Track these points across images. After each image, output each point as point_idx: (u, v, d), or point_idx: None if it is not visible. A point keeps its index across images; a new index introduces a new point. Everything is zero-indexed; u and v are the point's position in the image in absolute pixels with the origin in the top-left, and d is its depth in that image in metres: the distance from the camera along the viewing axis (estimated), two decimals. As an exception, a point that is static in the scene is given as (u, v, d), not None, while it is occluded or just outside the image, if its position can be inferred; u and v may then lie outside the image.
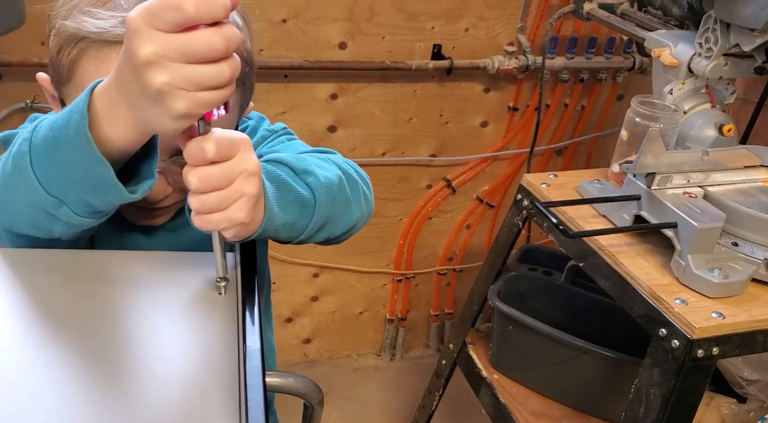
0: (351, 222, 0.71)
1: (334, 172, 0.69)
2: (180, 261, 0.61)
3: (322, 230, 0.67)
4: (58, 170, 0.52)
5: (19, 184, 0.54)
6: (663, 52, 1.11)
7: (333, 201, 0.67)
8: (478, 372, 1.36)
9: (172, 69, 0.44)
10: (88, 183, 0.52)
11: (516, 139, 1.85)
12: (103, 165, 0.51)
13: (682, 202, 0.97)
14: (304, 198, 0.63)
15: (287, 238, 0.64)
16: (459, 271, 2.02)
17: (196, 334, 0.52)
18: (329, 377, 1.98)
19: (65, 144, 0.51)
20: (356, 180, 0.74)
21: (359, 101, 1.67)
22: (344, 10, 1.55)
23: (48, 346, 0.51)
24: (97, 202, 0.54)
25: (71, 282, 0.58)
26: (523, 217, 1.23)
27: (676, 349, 0.90)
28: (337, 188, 0.68)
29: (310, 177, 0.64)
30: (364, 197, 0.75)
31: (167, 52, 0.44)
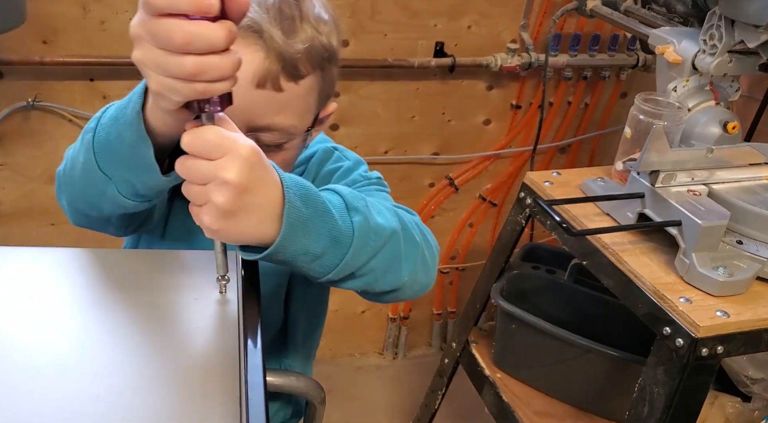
0: (397, 282, 0.66)
1: (392, 223, 0.64)
2: (182, 259, 0.61)
3: (357, 278, 0.62)
4: (111, 146, 0.56)
5: (81, 158, 0.60)
6: (667, 49, 1.10)
7: (377, 250, 0.62)
8: (481, 371, 1.36)
9: (145, 48, 0.47)
10: (132, 161, 0.56)
11: (519, 137, 1.84)
12: (146, 143, 0.54)
13: (686, 199, 0.97)
14: (341, 233, 0.58)
15: (314, 273, 0.59)
16: (462, 270, 2.02)
17: (197, 333, 0.52)
18: (332, 376, 1.97)
19: (123, 122, 0.55)
20: (416, 241, 0.68)
21: (361, 99, 1.67)
22: (346, 8, 1.55)
23: (48, 345, 0.50)
24: (138, 183, 0.58)
25: (72, 281, 0.57)
26: (526, 216, 1.23)
27: (680, 348, 0.89)
28: (387, 239, 0.63)
29: (359, 216, 0.60)
30: (422, 262, 0.69)
31: (141, 32, 0.47)
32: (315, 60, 0.69)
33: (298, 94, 0.68)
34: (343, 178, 0.80)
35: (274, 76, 0.66)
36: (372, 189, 0.79)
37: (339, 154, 0.84)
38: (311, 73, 0.69)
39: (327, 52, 0.70)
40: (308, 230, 0.55)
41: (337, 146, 0.86)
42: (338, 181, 0.81)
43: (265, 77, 0.65)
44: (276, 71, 0.66)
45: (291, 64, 0.66)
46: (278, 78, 0.66)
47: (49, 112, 1.46)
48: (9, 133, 1.46)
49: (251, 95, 0.65)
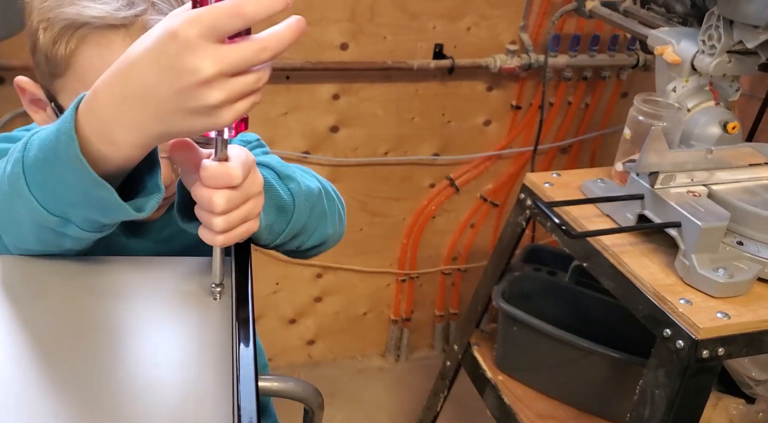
0: (324, 236, 0.72)
1: (315, 183, 0.70)
2: (174, 266, 0.60)
3: (295, 238, 0.68)
4: (56, 191, 0.50)
5: (19, 205, 0.53)
6: (666, 49, 1.10)
7: (311, 211, 0.68)
8: (483, 373, 1.35)
9: (227, 85, 0.43)
10: (90, 203, 0.51)
11: (519, 138, 1.84)
12: (103, 187, 0.49)
13: (686, 201, 0.96)
14: (284, 202, 0.63)
15: (264, 241, 0.64)
16: (464, 271, 2.01)
17: (191, 340, 0.52)
18: (334, 378, 1.97)
19: (58, 165, 0.49)
20: (333, 197, 0.75)
21: (361, 101, 1.67)
22: (345, 11, 1.54)
23: (40, 353, 0.50)
24: (104, 219, 0.53)
25: (64, 288, 0.57)
26: (526, 217, 1.23)
27: (680, 350, 0.89)
28: (316, 199, 0.69)
29: (293, 183, 0.65)
30: (339, 216, 0.76)
31: (226, 68, 0.42)
32: None
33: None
34: None
35: None
36: (258, 152, 0.81)
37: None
38: None
39: None
40: (263, 207, 0.59)
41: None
42: None
43: None
44: None
45: None
46: None
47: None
48: (10, 138, 1.46)
49: None
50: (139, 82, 0.45)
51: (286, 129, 1.65)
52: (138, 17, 0.61)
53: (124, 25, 0.61)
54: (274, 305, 1.89)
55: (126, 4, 0.61)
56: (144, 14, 0.62)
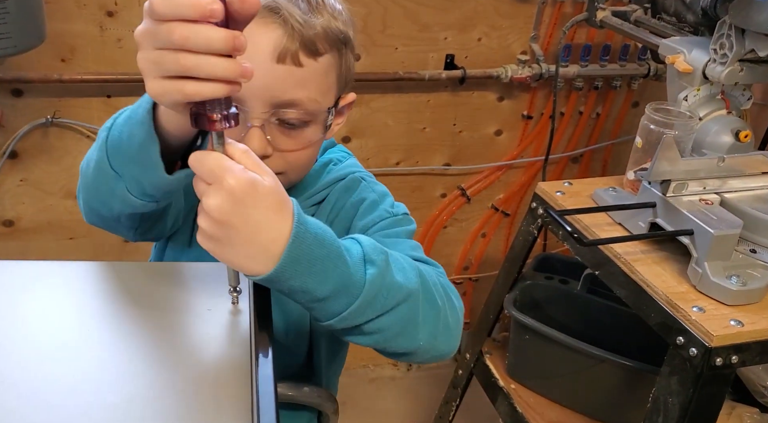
0: (411, 345, 0.63)
1: (411, 283, 0.61)
2: (194, 271, 0.61)
3: (365, 335, 0.61)
4: (123, 144, 0.58)
5: (95, 156, 0.62)
6: (677, 58, 1.11)
7: (389, 308, 0.59)
8: (495, 382, 1.35)
9: (145, 50, 0.49)
10: (140, 158, 0.58)
11: (531, 147, 1.84)
12: (153, 141, 0.56)
13: (698, 209, 0.96)
14: (351, 283, 0.56)
15: (317, 314, 0.58)
16: (475, 280, 2.01)
17: (210, 344, 0.53)
18: (346, 387, 1.96)
19: (134, 120, 0.57)
20: (438, 305, 0.64)
21: (373, 112, 1.68)
22: (357, 22, 1.55)
23: (64, 355, 0.51)
24: (146, 182, 0.59)
25: (88, 293, 0.59)
26: (538, 226, 1.23)
27: (693, 358, 0.89)
28: (403, 299, 0.60)
29: (374, 269, 0.58)
30: (444, 327, 0.65)
31: (144, 36, 0.49)
32: (332, 40, 0.72)
33: (318, 70, 0.71)
34: (368, 212, 0.80)
35: (294, 52, 0.68)
36: (400, 231, 0.78)
37: (366, 185, 0.83)
38: (329, 52, 0.72)
39: (343, 35, 0.74)
40: (315, 270, 0.54)
41: (365, 176, 0.85)
42: (363, 215, 0.80)
43: (284, 52, 0.68)
44: (295, 47, 0.68)
45: (309, 40, 0.69)
46: (297, 53, 0.69)
47: (68, 129, 1.49)
48: (28, 149, 1.49)
49: (273, 70, 0.68)
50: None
51: (298, 139, 1.66)
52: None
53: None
54: (286, 314, 1.90)
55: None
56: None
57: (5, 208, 1.53)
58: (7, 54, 1.19)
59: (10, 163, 1.48)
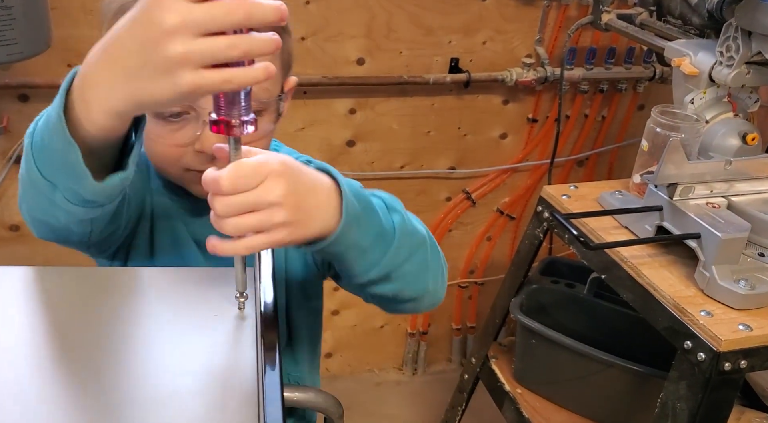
0: (422, 289, 0.68)
1: (423, 230, 0.67)
2: (199, 277, 0.61)
3: (390, 280, 0.64)
4: (46, 153, 0.53)
5: (25, 164, 0.56)
6: (683, 61, 1.10)
7: (411, 252, 0.64)
8: (501, 386, 1.35)
9: (189, 42, 0.44)
10: (66, 167, 0.53)
11: (536, 151, 1.84)
12: (72, 147, 0.51)
13: (706, 212, 0.96)
14: (385, 230, 0.62)
15: (359, 268, 0.62)
16: (481, 284, 2.01)
17: (216, 349, 0.53)
18: (351, 392, 1.97)
19: (51, 126, 0.52)
20: (439, 252, 0.70)
21: (377, 115, 1.68)
22: (362, 27, 1.56)
23: (70, 360, 0.51)
24: (80, 189, 0.54)
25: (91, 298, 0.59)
26: (543, 229, 1.23)
27: (702, 362, 0.88)
28: (419, 244, 0.66)
29: (397, 216, 0.64)
30: (442, 273, 0.71)
31: (189, 22, 0.43)
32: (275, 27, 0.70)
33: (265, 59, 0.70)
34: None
35: None
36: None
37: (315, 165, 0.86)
38: None
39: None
40: (360, 224, 0.58)
41: (309, 158, 0.88)
42: None
43: None
44: None
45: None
46: None
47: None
48: (34, 153, 1.49)
49: None
50: (115, 38, 0.47)
51: (303, 143, 1.66)
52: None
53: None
54: (291, 318, 1.90)
55: None
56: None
57: (11, 213, 1.53)
58: (13, 60, 1.19)
59: (16, 168, 1.49)
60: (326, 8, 1.52)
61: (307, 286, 0.82)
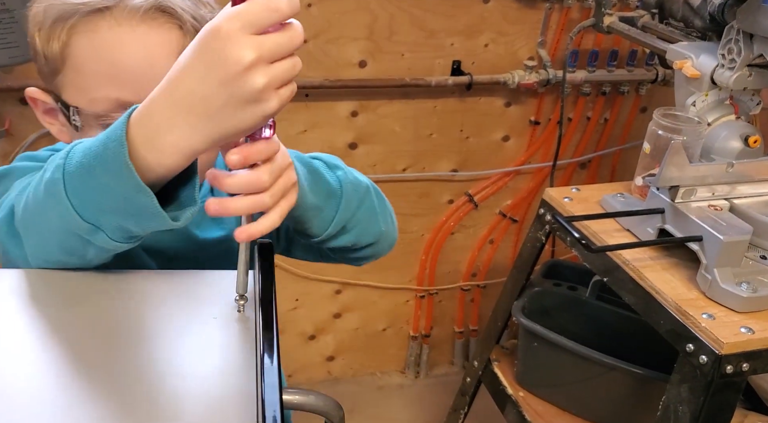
0: (377, 234, 0.73)
1: (364, 179, 0.72)
2: (199, 279, 0.61)
3: (347, 231, 0.70)
4: (94, 197, 0.51)
5: (51, 210, 0.54)
6: (685, 63, 1.10)
7: (360, 202, 0.70)
8: (504, 389, 1.34)
9: (268, 69, 0.46)
10: (128, 211, 0.51)
11: (538, 153, 1.84)
12: (146, 194, 0.50)
13: (707, 215, 0.96)
14: (332, 187, 0.66)
15: (316, 228, 0.67)
16: (483, 287, 2.01)
17: (215, 352, 0.53)
18: (353, 395, 1.97)
19: (102, 172, 0.50)
20: (383, 198, 0.76)
21: (379, 118, 1.68)
22: (364, 29, 1.57)
23: (67, 364, 0.51)
24: (137, 229, 0.54)
25: (90, 301, 0.59)
26: (546, 232, 1.23)
27: (704, 365, 0.88)
28: (364, 193, 0.71)
29: (340, 171, 0.68)
30: (391, 217, 0.77)
31: (265, 53, 0.46)
32: None
33: None
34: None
35: None
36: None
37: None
38: None
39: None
40: (311, 186, 0.63)
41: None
42: None
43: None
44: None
45: None
46: None
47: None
48: (36, 156, 1.50)
49: None
50: (189, 83, 0.47)
51: (305, 146, 1.65)
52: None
53: (108, 7, 0.63)
54: (293, 321, 1.90)
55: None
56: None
57: (14, 215, 1.54)
58: (15, 63, 1.20)
59: (19, 171, 1.49)
60: (328, 11, 1.52)
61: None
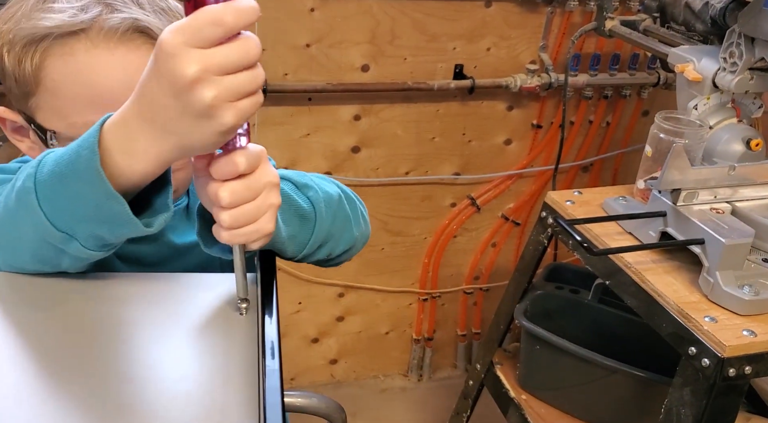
0: (351, 240, 0.73)
1: (334, 189, 0.71)
2: (200, 282, 0.62)
3: (323, 247, 0.69)
4: (67, 205, 0.52)
5: (24, 220, 0.54)
6: (686, 67, 1.10)
7: (333, 216, 0.69)
8: (506, 392, 1.35)
9: (217, 83, 0.45)
10: (100, 218, 0.52)
11: (541, 157, 1.84)
12: (118, 201, 0.50)
13: (709, 218, 0.96)
14: (305, 211, 0.65)
15: (291, 253, 0.65)
16: (486, 290, 2.01)
17: (217, 355, 0.53)
18: (356, 398, 1.97)
19: (74, 179, 0.50)
20: (354, 200, 0.76)
21: (382, 122, 1.69)
22: (366, 33, 1.57)
23: (67, 367, 0.52)
24: (110, 236, 0.54)
25: (90, 304, 0.59)
26: (548, 235, 1.23)
27: (706, 368, 0.88)
28: (337, 205, 0.70)
29: (311, 191, 0.67)
30: (363, 218, 0.77)
31: (210, 67, 0.44)
32: None
33: None
34: None
35: None
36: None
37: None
38: None
39: None
40: (284, 217, 0.61)
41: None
42: None
43: None
44: None
45: None
46: None
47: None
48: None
49: None
50: (149, 94, 0.47)
51: (308, 150, 1.67)
52: (95, 20, 0.62)
53: (83, 29, 0.62)
54: (296, 324, 1.90)
55: (80, 9, 0.62)
56: (100, 16, 0.62)
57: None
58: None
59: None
60: (330, 15, 1.53)
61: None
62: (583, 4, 1.65)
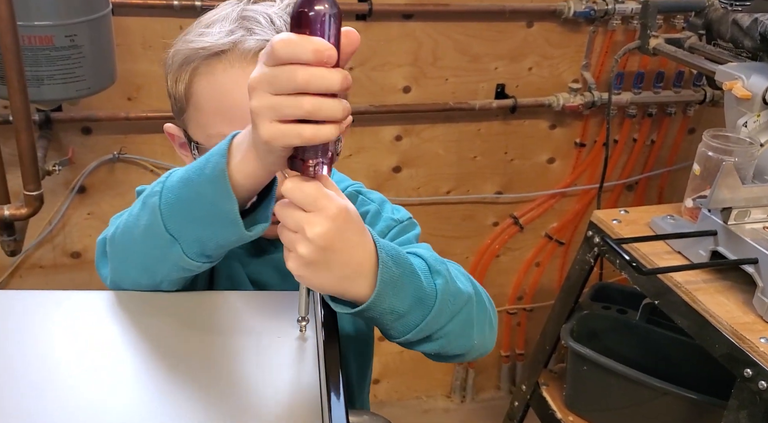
0: (467, 346, 0.68)
1: (467, 287, 0.66)
2: (262, 300, 0.63)
3: (432, 341, 0.64)
4: (184, 207, 0.57)
5: (142, 222, 0.60)
6: (735, 84, 1.09)
7: (454, 314, 0.64)
8: (553, 414, 1.33)
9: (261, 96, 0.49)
10: (210, 218, 0.56)
11: (584, 175, 1.83)
12: (231, 199, 0.55)
13: (763, 237, 0.94)
14: (425, 295, 0.60)
15: (395, 332, 0.61)
16: (529, 311, 1.99)
17: (279, 371, 0.54)
18: (399, 419, 1.96)
19: (199, 182, 0.56)
20: (485, 306, 0.70)
21: (423, 141, 1.70)
22: (408, 56, 1.60)
23: (138, 383, 0.54)
24: (210, 241, 0.58)
25: (156, 323, 0.61)
26: (594, 255, 1.22)
27: (763, 391, 0.86)
28: (463, 304, 0.65)
29: (440, 279, 0.62)
30: (490, 326, 0.71)
31: (260, 82, 0.49)
32: None
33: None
34: (373, 223, 0.80)
35: None
36: (411, 237, 0.79)
37: (363, 198, 0.85)
38: None
39: None
40: (397, 290, 0.58)
41: (359, 188, 0.88)
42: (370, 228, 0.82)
43: None
44: None
45: None
46: None
47: (133, 164, 1.56)
48: (96, 184, 1.56)
49: None
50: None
51: (350, 170, 1.68)
52: (235, 43, 0.68)
53: (224, 51, 0.68)
54: (339, 343, 1.91)
55: (228, 33, 0.68)
56: (240, 39, 0.68)
57: (73, 240, 1.60)
58: (81, 96, 1.26)
59: (78, 198, 1.56)
60: (374, 39, 1.56)
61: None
62: (626, 22, 1.64)
